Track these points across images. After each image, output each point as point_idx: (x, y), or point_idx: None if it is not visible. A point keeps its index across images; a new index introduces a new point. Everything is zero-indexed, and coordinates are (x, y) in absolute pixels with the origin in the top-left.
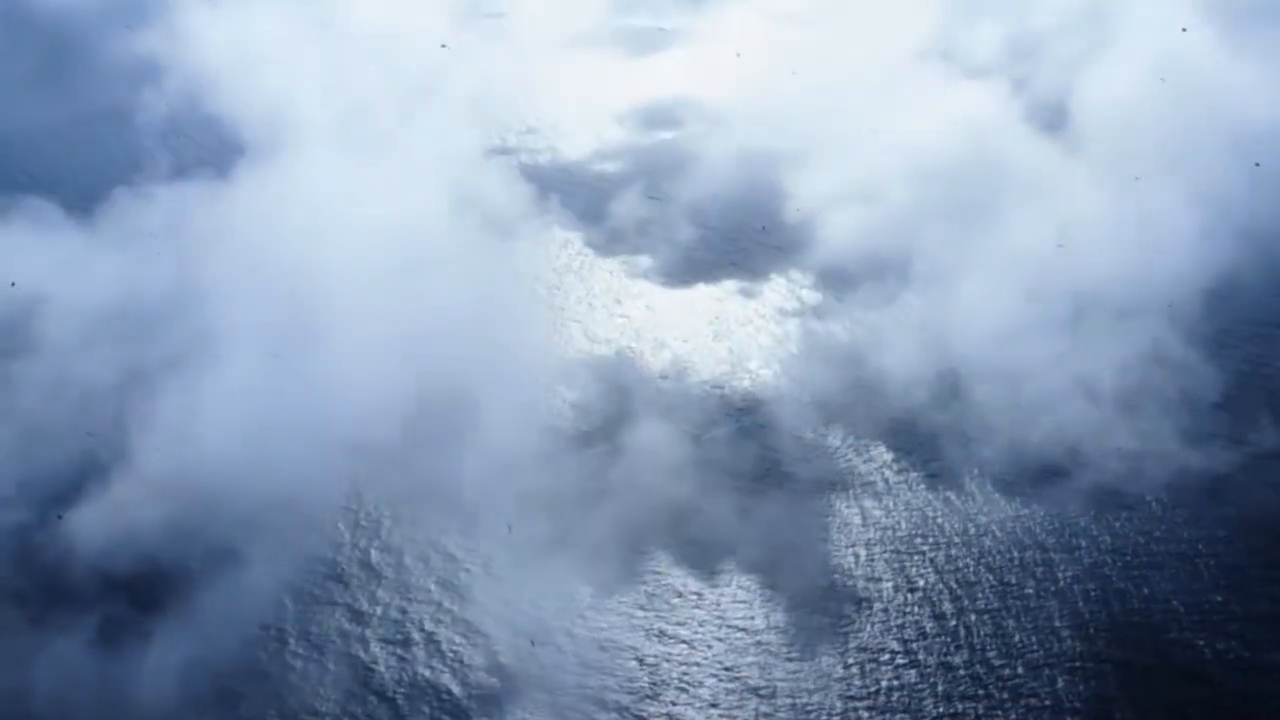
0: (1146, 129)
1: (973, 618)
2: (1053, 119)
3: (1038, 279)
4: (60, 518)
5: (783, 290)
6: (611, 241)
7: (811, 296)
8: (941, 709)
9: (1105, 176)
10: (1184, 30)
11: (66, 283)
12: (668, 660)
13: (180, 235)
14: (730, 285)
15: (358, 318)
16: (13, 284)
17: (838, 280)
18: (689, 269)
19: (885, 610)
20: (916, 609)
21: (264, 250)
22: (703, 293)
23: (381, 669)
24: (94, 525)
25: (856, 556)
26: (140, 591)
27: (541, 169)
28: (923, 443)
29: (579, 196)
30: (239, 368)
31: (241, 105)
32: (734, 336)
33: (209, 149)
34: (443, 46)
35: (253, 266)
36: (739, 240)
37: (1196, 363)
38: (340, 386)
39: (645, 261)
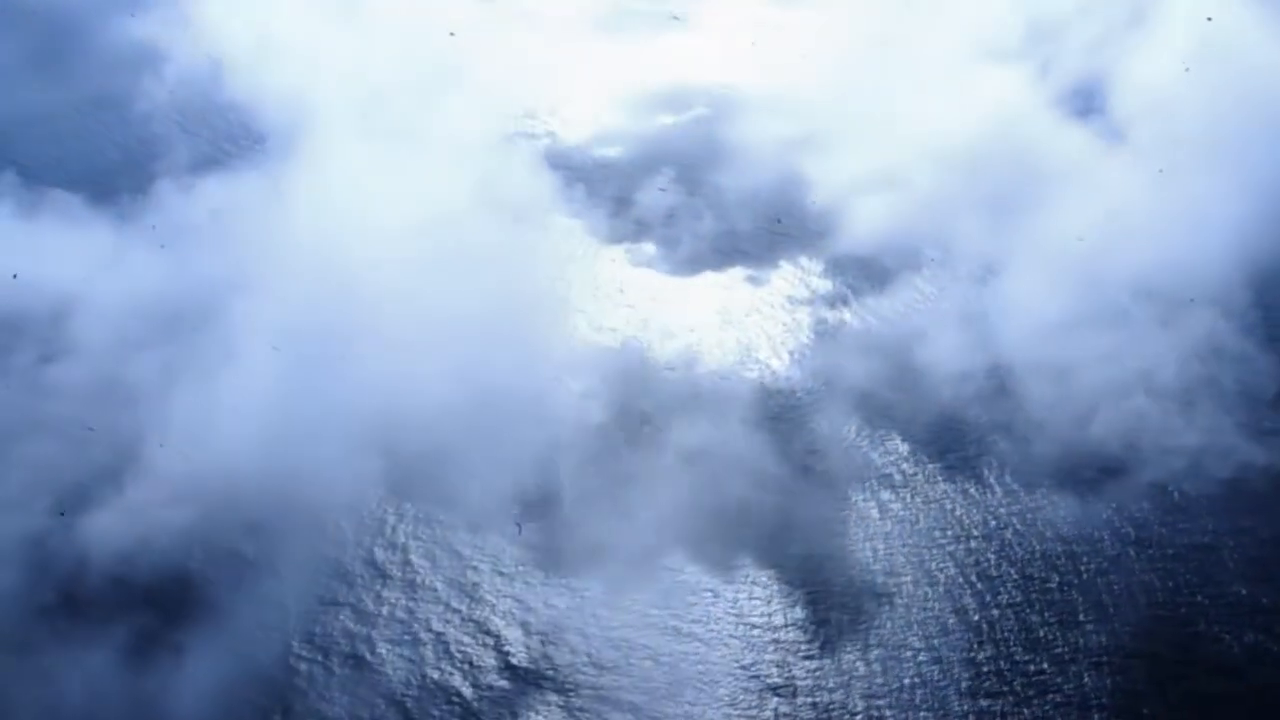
0: (1181, 114)
1: (995, 612)
2: (1081, 104)
3: (1064, 269)
4: (63, 514)
5: (793, 279)
6: (618, 229)
7: (823, 285)
8: (966, 706)
9: (1136, 164)
10: (1209, 19)
11: (77, 277)
12: (684, 659)
13: (189, 228)
14: (739, 273)
15: (361, 311)
16: (14, 276)
17: (853, 269)
18: (699, 257)
19: (906, 605)
20: (938, 604)
21: (270, 243)
22: (712, 281)
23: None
24: (114, 531)
25: (875, 551)
26: (165, 601)
27: (544, 155)
28: (940, 434)
29: (584, 184)
30: (247, 366)
31: (239, 93)
32: (743, 325)
33: (208, 140)
34: (451, 34)
35: (261, 259)
36: (752, 228)
37: (1251, 354)
38: (340, 383)
39: (652, 249)
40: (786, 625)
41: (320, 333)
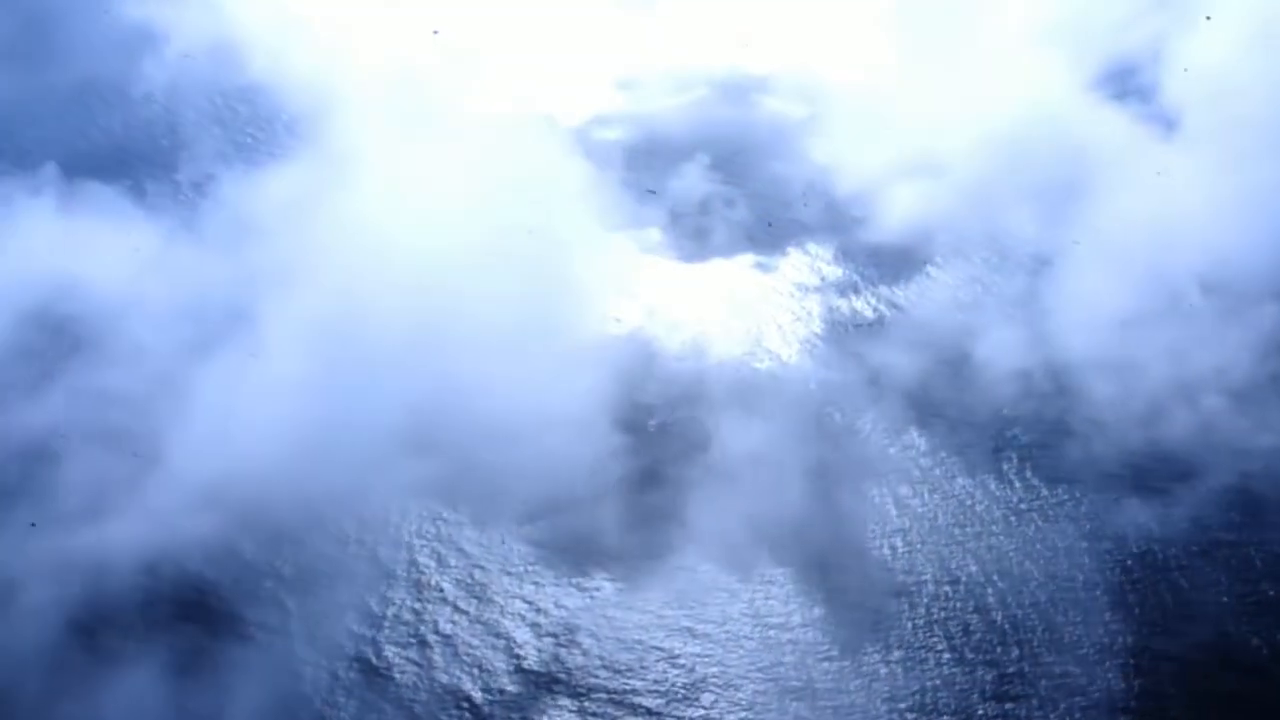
0: (1239, 98)
1: (1019, 612)
2: (1123, 88)
3: (1091, 262)
4: (34, 525)
5: (804, 266)
6: (620, 216)
7: (835, 272)
8: (990, 709)
9: (1189, 151)
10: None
11: (83, 274)
12: (700, 661)
13: (220, 221)
14: (747, 260)
15: (367, 310)
16: None
17: (869, 257)
18: (709, 244)
19: (927, 605)
20: (959, 603)
21: (271, 240)
22: (719, 269)
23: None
24: (138, 542)
25: (894, 549)
26: (201, 614)
27: (543, 141)
28: (955, 426)
29: (583, 171)
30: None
31: (258, 78)
32: (754, 314)
33: (230, 129)
34: (435, 33)
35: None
36: (757, 217)
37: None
38: (340, 381)
39: (658, 236)
40: (804, 625)
41: (333, 331)
